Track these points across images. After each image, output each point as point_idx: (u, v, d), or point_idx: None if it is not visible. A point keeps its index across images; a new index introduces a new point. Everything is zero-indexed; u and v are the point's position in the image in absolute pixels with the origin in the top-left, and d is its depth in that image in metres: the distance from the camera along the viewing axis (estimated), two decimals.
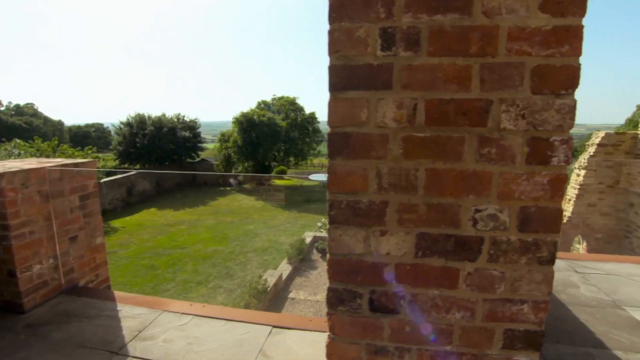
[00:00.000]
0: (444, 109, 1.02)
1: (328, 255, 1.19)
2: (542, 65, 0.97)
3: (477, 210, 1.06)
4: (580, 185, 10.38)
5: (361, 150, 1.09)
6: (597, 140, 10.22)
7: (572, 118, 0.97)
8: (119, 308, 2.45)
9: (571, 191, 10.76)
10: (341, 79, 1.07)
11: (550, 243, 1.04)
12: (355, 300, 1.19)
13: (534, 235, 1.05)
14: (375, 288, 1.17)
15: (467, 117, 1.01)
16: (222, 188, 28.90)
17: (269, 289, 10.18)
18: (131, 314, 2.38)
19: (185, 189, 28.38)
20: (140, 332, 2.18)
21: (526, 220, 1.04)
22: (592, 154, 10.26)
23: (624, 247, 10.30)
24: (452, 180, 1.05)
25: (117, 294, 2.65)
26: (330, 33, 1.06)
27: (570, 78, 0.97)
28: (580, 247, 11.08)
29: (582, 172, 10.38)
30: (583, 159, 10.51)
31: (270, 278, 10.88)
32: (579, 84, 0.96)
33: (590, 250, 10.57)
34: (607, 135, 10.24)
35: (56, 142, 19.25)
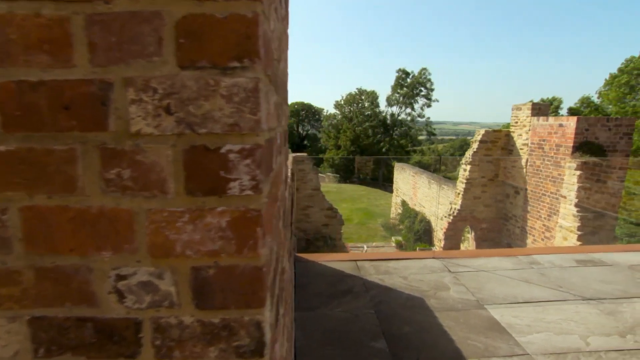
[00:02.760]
0: (30, 99, 0.56)
1: None
2: (192, 15, 0.54)
3: (120, 277, 0.61)
4: (467, 179, 11.18)
5: None
6: (479, 138, 11.10)
7: (255, 111, 0.56)
8: None
9: (460, 185, 11.55)
10: None
11: (251, 324, 0.63)
12: None
13: (221, 313, 0.62)
14: None
15: (74, 114, 0.56)
16: None
17: None
18: None
19: None
20: None
21: (204, 290, 0.61)
22: (475, 150, 11.11)
23: (503, 234, 11.36)
24: (69, 225, 0.59)
25: None
26: None
27: (243, 38, 0.54)
28: (470, 237, 11.97)
29: (468, 167, 11.20)
30: (468, 154, 11.35)
31: None
32: (259, 49, 0.56)
33: (477, 239, 11.46)
34: (486, 132, 11.17)
35: None
